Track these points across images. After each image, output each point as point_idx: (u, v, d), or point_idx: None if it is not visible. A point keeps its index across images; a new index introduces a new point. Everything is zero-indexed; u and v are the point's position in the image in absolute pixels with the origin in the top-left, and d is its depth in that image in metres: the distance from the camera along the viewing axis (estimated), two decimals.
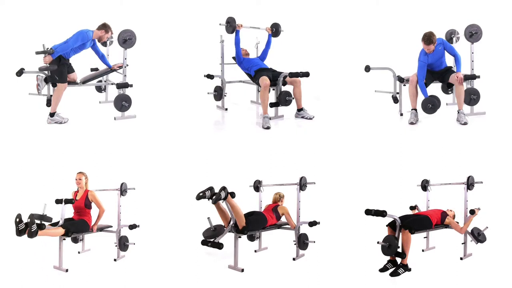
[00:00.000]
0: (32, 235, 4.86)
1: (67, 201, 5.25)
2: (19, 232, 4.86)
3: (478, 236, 5.44)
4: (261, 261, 5.51)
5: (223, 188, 4.81)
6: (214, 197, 4.78)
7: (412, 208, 5.89)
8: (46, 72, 5.76)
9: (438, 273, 5.12)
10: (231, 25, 6.46)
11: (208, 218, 4.96)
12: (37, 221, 4.92)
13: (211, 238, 4.95)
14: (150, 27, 6.96)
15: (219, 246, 4.83)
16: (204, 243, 4.93)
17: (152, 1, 7.44)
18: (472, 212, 5.48)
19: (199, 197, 4.80)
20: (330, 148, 5.57)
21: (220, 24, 6.51)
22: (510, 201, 6.23)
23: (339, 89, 6.89)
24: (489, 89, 6.33)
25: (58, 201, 5.25)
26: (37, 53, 5.73)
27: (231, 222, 5.02)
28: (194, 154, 5.67)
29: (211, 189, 4.84)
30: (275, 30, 6.74)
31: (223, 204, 4.95)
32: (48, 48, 5.73)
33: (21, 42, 7.03)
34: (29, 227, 4.85)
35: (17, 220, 4.86)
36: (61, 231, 5.14)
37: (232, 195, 4.91)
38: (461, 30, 6.24)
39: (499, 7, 7.25)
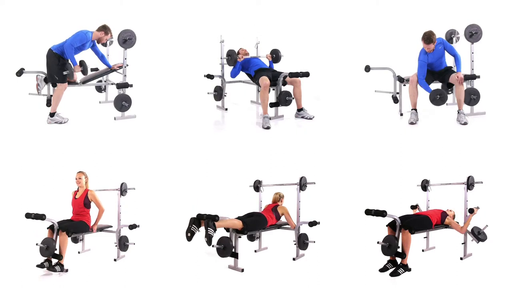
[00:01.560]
0: (62, 271, 5.10)
1: (37, 217, 5.07)
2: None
3: (479, 234, 5.44)
4: (261, 261, 5.51)
5: (208, 224, 4.81)
6: (207, 240, 4.81)
7: (413, 207, 5.89)
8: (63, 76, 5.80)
9: (438, 273, 5.12)
10: (232, 58, 6.46)
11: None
12: (54, 260, 5.09)
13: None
14: (150, 27, 6.96)
15: (215, 218, 4.85)
16: (199, 217, 4.92)
17: (152, 1, 7.44)
18: (471, 211, 5.48)
19: (190, 238, 4.89)
20: (330, 148, 5.57)
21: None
22: (510, 201, 6.23)
23: (339, 89, 6.89)
24: (489, 89, 6.33)
25: (28, 216, 5.10)
26: (69, 76, 5.84)
27: (230, 230, 5.09)
28: (194, 154, 5.68)
29: (193, 221, 4.90)
30: (275, 56, 6.73)
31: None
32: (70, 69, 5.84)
33: (21, 42, 7.03)
34: (55, 271, 5.08)
35: (41, 267, 5.05)
36: (65, 235, 5.15)
37: (216, 219, 4.87)
38: (461, 30, 6.24)
39: (499, 7, 7.25)
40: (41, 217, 5.03)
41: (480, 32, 6.10)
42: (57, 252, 5.11)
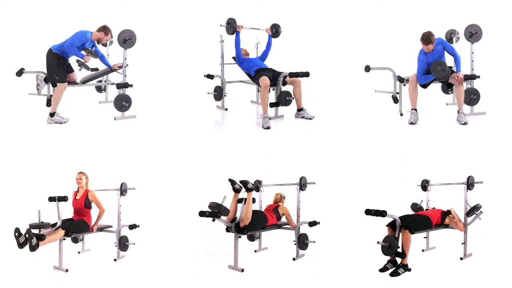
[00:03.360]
0: (33, 249, 4.86)
1: (60, 199, 5.16)
2: (20, 245, 4.85)
3: (475, 209, 5.40)
4: (261, 261, 5.51)
5: (254, 182, 4.93)
6: (239, 181, 5.03)
7: (414, 205, 5.91)
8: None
9: (438, 273, 5.12)
10: (232, 26, 6.47)
11: (225, 197, 5.03)
12: (36, 233, 4.89)
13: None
14: (150, 27, 6.96)
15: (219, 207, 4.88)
16: (201, 214, 4.91)
17: (152, 1, 7.44)
18: (448, 213, 5.49)
19: (233, 182, 5.06)
20: (330, 148, 5.57)
21: (220, 25, 6.51)
22: (510, 201, 6.23)
23: (339, 89, 6.89)
24: (489, 89, 6.33)
25: (51, 199, 5.20)
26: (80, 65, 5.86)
27: (236, 220, 5.05)
28: (194, 154, 5.67)
29: (246, 183, 5.08)
30: (275, 31, 6.73)
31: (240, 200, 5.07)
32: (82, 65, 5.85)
33: (21, 42, 7.03)
34: (29, 241, 4.83)
35: (16, 234, 4.84)
36: (62, 233, 5.14)
37: (253, 187, 5.09)
38: (461, 30, 6.24)
39: (499, 7, 7.25)
40: (64, 199, 5.16)
41: (480, 32, 6.11)
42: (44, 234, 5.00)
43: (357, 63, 6.58)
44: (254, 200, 5.05)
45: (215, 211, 4.83)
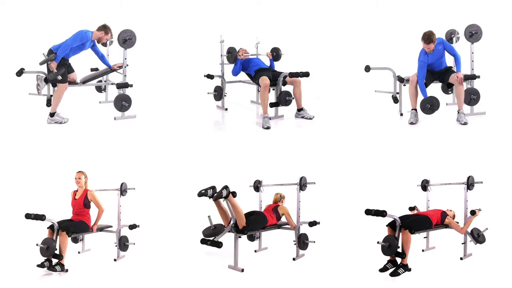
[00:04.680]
0: (63, 270, 5.12)
1: (37, 217, 5.08)
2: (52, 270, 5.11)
3: (478, 237, 5.44)
4: (261, 261, 5.51)
5: (225, 187, 4.82)
6: (215, 194, 4.79)
7: (411, 209, 5.89)
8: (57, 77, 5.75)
9: (438, 273, 5.12)
10: (233, 55, 6.47)
11: (209, 216, 4.95)
12: (54, 258, 5.09)
13: (211, 236, 4.95)
14: (150, 27, 6.96)
15: (218, 245, 4.83)
16: (203, 241, 4.92)
17: (152, 1, 7.44)
18: (473, 212, 5.48)
19: (200, 194, 4.80)
20: (330, 148, 5.57)
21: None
22: (510, 201, 6.22)
23: (339, 89, 6.89)
24: (489, 89, 6.33)
25: (28, 216, 5.12)
26: (41, 63, 5.71)
27: (231, 222, 5.01)
28: (194, 154, 5.67)
29: (213, 188, 4.84)
30: (275, 54, 6.72)
31: (224, 203, 4.94)
32: (48, 55, 5.71)
33: (21, 42, 7.03)
34: (55, 271, 5.09)
35: (41, 267, 5.06)
36: (65, 235, 5.15)
37: (234, 194, 4.90)
38: (461, 30, 6.24)
39: (499, 7, 7.25)
40: (41, 217, 5.03)
41: (480, 32, 6.10)
42: (57, 252, 5.11)
43: (357, 63, 6.58)
44: (235, 194, 4.94)
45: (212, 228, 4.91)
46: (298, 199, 5.61)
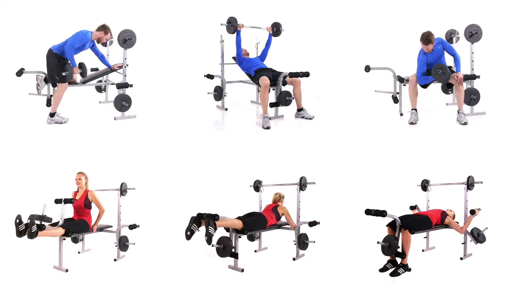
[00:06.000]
0: (32, 236, 4.88)
1: (67, 201, 5.23)
2: (19, 233, 4.88)
3: (478, 236, 5.44)
4: (261, 261, 5.51)
5: (208, 223, 4.77)
6: (206, 239, 4.78)
7: (412, 208, 5.89)
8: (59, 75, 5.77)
9: (438, 273, 5.12)
10: (233, 25, 6.46)
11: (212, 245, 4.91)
12: (37, 222, 4.93)
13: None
14: (150, 27, 6.96)
15: (214, 217, 4.83)
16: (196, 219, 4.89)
17: (152, 1, 7.44)
18: (473, 212, 5.48)
19: (189, 237, 4.84)
20: (330, 148, 5.57)
21: (221, 24, 6.51)
22: (510, 201, 6.22)
23: (339, 89, 6.89)
24: (489, 89, 6.33)
25: (58, 201, 5.24)
26: (69, 77, 5.78)
27: (231, 229, 5.08)
28: (194, 154, 5.67)
29: (193, 220, 4.86)
30: (276, 29, 6.73)
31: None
32: (66, 71, 5.76)
33: (21, 42, 7.03)
34: (29, 228, 4.87)
35: (17, 221, 4.88)
36: (61, 231, 5.14)
37: (216, 218, 4.85)
38: (461, 30, 6.24)
39: (499, 7, 7.25)
40: (70, 201, 5.22)
41: (480, 32, 6.10)
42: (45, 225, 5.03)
43: (357, 63, 6.58)
44: (217, 217, 4.90)
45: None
46: (298, 199, 5.61)
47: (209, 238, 4.80)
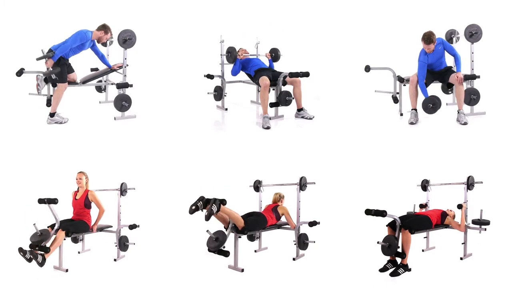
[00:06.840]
0: (42, 264, 4.97)
1: (50, 201, 5.10)
2: (29, 261, 4.97)
3: (480, 221, 5.45)
4: (261, 261, 5.51)
5: (214, 201, 4.79)
6: (206, 214, 4.77)
7: (422, 206, 5.93)
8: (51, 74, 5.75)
9: (438, 273, 5.12)
10: (232, 55, 6.48)
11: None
12: (39, 248, 4.96)
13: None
14: (150, 27, 6.96)
15: (223, 200, 4.83)
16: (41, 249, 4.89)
17: (152, 1, 7.44)
18: (460, 206, 5.51)
19: (192, 211, 4.80)
20: (330, 148, 5.57)
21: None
22: (510, 201, 6.22)
23: (339, 89, 6.88)
24: (489, 89, 6.33)
25: (41, 201, 5.14)
26: (38, 59, 5.71)
27: (230, 224, 5.03)
28: (194, 154, 5.67)
29: (202, 199, 4.83)
30: (274, 55, 6.73)
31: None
32: (47, 52, 5.72)
33: (21, 42, 7.03)
34: (35, 260, 4.94)
35: (21, 253, 4.96)
36: (63, 234, 5.14)
37: (224, 202, 4.86)
38: (461, 30, 6.24)
39: (499, 7, 7.25)
40: (54, 201, 5.06)
41: (480, 32, 6.10)
42: (48, 245, 5.04)
43: (357, 63, 6.58)
44: (225, 202, 4.95)
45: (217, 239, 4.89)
46: (298, 199, 5.61)
47: (209, 214, 4.77)
